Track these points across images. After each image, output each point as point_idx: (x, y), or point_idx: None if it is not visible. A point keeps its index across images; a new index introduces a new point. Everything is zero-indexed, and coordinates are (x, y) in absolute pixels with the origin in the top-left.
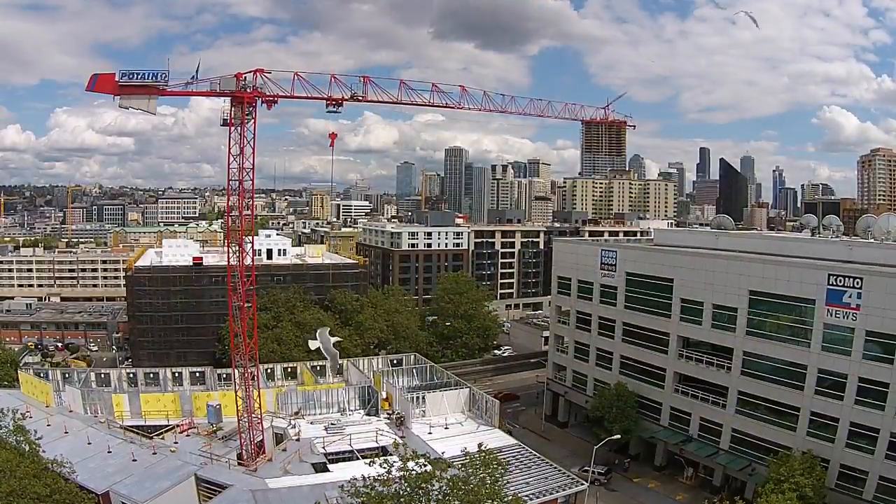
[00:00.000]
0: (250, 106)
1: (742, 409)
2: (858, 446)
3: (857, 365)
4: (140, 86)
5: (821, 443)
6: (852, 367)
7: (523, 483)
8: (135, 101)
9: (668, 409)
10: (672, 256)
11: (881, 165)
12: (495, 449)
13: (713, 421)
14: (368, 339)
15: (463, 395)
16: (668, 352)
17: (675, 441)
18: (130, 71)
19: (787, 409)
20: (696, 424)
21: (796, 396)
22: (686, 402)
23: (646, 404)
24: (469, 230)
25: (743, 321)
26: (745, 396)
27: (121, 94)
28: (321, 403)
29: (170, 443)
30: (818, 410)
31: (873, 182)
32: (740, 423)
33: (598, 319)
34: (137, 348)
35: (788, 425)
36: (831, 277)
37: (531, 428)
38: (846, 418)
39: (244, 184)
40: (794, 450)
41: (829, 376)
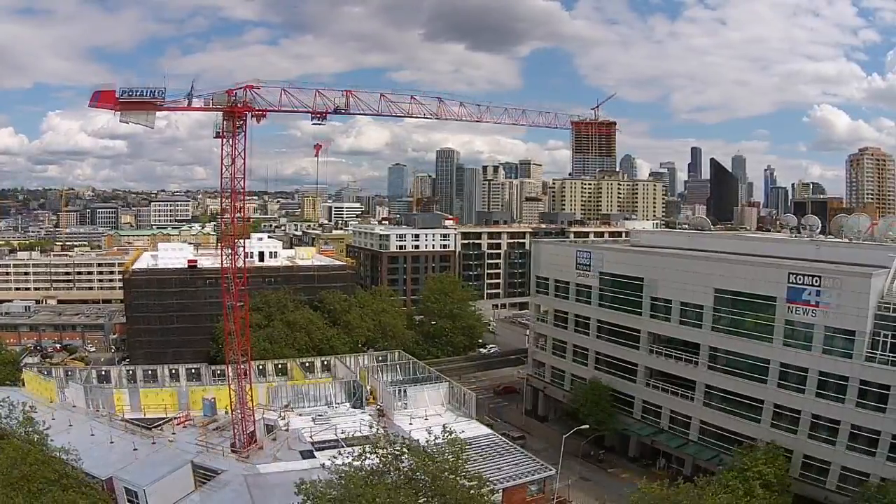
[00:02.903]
0: (241, 119)
1: (709, 402)
2: (820, 438)
3: (817, 359)
4: (139, 102)
5: (784, 434)
6: (812, 362)
7: (495, 469)
8: (134, 116)
9: (641, 402)
10: (642, 256)
11: (869, 164)
12: (473, 437)
13: (682, 413)
14: (356, 337)
15: (443, 390)
16: (640, 348)
17: (646, 433)
18: (130, 88)
19: (751, 402)
20: (666, 417)
21: (760, 390)
22: (657, 396)
23: (620, 398)
24: (456, 232)
25: (709, 318)
26: (711, 390)
27: (121, 110)
28: (309, 397)
29: (168, 434)
30: (781, 403)
31: (861, 181)
32: (708, 415)
33: (575, 317)
34: (135, 348)
35: (753, 417)
36: (791, 276)
37: (512, 422)
38: (808, 411)
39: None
40: (759, 441)
41: (791, 370)
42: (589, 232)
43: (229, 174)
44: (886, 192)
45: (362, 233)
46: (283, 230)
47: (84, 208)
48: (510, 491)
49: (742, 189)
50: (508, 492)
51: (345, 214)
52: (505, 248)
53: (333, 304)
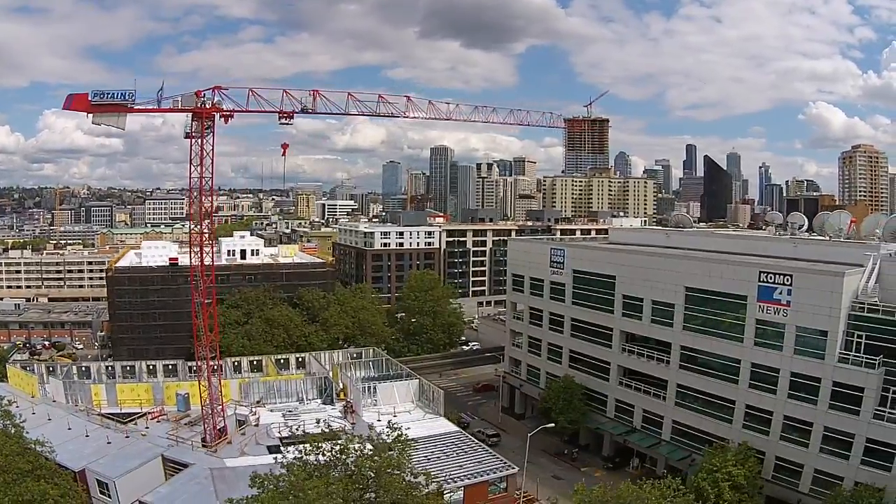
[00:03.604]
0: (209, 120)
1: (681, 401)
2: (793, 439)
3: (789, 360)
4: (110, 104)
5: (756, 435)
6: (784, 362)
7: (457, 466)
8: (105, 119)
9: (614, 401)
10: (614, 254)
11: (862, 162)
12: (438, 434)
13: (655, 413)
14: (334, 334)
15: (413, 386)
16: (612, 346)
17: (619, 432)
18: (102, 91)
19: (723, 402)
20: (639, 416)
21: (731, 390)
22: (630, 395)
23: (593, 396)
24: (441, 229)
25: (680, 317)
26: (683, 389)
27: (93, 112)
28: (281, 393)
29: (141, 428)
30: (752, 403)
31: (854, 178)
32: (679, 415)
33: (549, 315)
34: (118, 345)
35: (725, 417)
36: (762, 274)
37: (489, 419)
38: (779, 412)
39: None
40: (731, 441)
41: (763, 371)
42: (576, 229)
43: (198, 174)
44: (879, 189)
45: (348, 230)
46: (274, 228)
47: (79, 207)
48: (471, 489)
49: (737, 186)
50: (469, 489)
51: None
52: (490, 245)
53: (312, 301)
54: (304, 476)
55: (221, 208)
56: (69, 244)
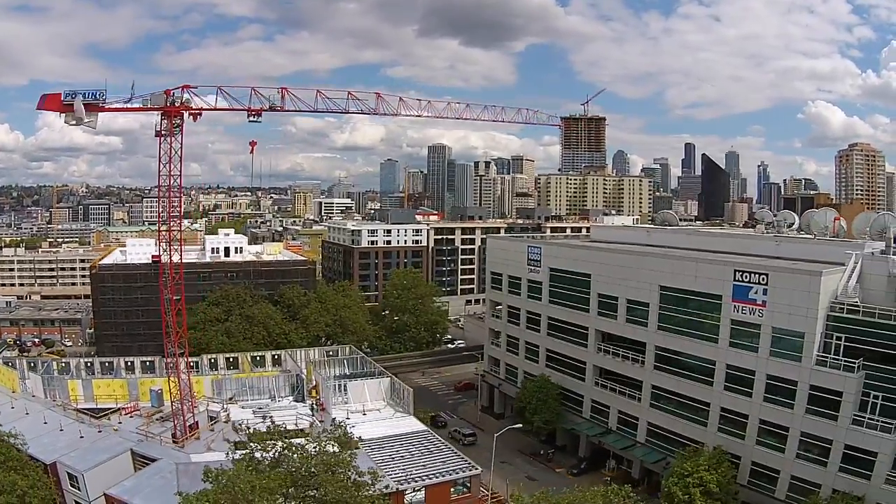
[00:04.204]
0: (178, 118)
1: (656, 402)
2: (769, 444)
3: (764, 362)
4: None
5: (731, 439)
6: (759, 364)
7: (420, 465)
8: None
9: (590, 401)
10: (589, 252)
11: (859, 160)
12: (404, 434)
13: (630, 414)
14: (314, 332)
15: (384, 385)
16: (588, 346)
17: (594, 433)
18: (73, 91)
19: (698, 405)
20: (615, 417)
21: (706, 392)
22: (605, 395)
23: (570, 397)
24: (428, 227)
25: (654, 316)
26: (658, 390)
27: (65, 112)
28: (254, 390)
29: (114, 423)
30: (728, 406)
31: (851, 177)
32: (654, 416)
33: (527, 314)
34: (102, 341)
35: (700, 420)
36: (737, 273)
37: (468, 418)
38: (755, 415)
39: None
40: (706, 445)
41: (738, 372)
42: (566, 227)
43: (167, 172)
44: (876, 187)
45: (336, 228)
46: (268, 225)
47: (77, 205)
48: (433, 489)
49: (735, 185)
50: (431, 489)
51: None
52: (479, 243)
53: (292, 298)
54: (243, 471)
55: (220, 206)
56: (66, 242)
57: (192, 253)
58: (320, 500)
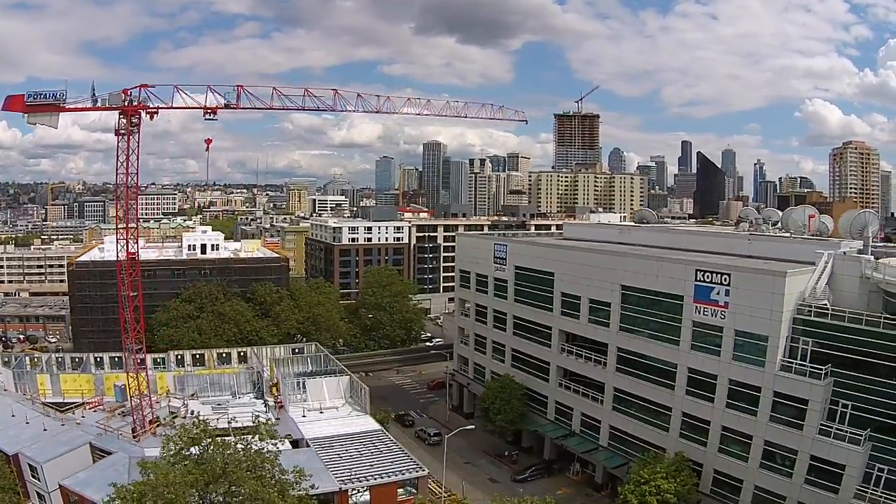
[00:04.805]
0: (136, 117)
1: (618, 406)
2: (731, 452)
3: (727, 366)
4: (43, 104)
5: (693, 445)
6: (721, 369)
7: (367, 465)
8: (39, 118)
9: (554, 403)
10: (553, 250)
11: (853, 158)
12: (358, 433)
13: (593, 417)
14: (285, 329)
15: (343, 383)
16: (552, 346)
17: (556, 435)
18: (35, 92)
19: (659, 409)
20: (578, 420)
21: (667, 396)
22: (569, 397)
23: (534, 398)
24: (410, 224)
25: (616, 317)
26: (620, 393)
27: (28, 112)
28: (216, 387)
29: (77, 417)
30: (689, 412)
31: (845, 175)
32: (617, 420)
33: (493, 312)
34: (79, 337)
35: (661, 425)
36: (699, 273)
37: (437, 418)
38: (717, 422)
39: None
40: (668, 451)
41: (699, 377)
42: (551, 225)
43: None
44: (871, 185)
45: (318, 226)
46: (259, 223)
47: (73, 202)
48: (378, 489)
49: (731, 183)
50: (376, 490)
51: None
52: None
53: (264, 295)
54: (164, 464)
55: (215, 203)
56: (59, 239)
57: (170, 250)
58: (237, 497)
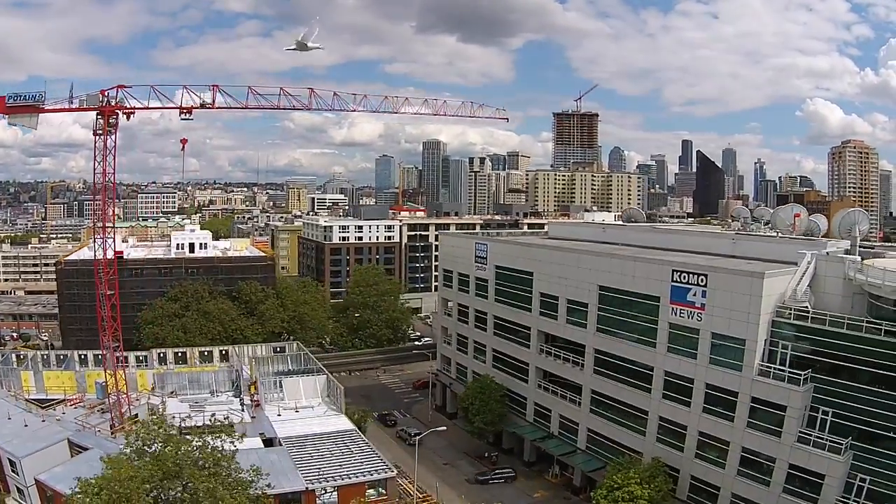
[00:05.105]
0: (113, 117)
1: (595, 408)
2: (708, 458)
3: (703, 370)
4: (23, 106)
5: (670, 450)
6: (698, 372)
7: (336, 465)
8: (19, 119)
9: (533, 404)
10: (532, 250)
11: (852, 157)
12: (330, 433)
13: (571, 419)
14: (270, 328)
15: (320, 382)
16: (531, 347)
17: (535, 437)
18: (16, 94)
19: (636, 412)
20: (556, 422)
21: (644, 399)
22: (548, 399)
23: (515, 399)
24: (401, 223)
25: (594, 317)
26: (598, 396)
27: (9, 114)
28: (195, 385)
29: (58, 413)
30: (666, 416)
31: (844, 174)
32: (594, 423)
33: (475, 312)
34: (67, 335)
35: (638, 429)
36: (675, 273)
37: (420, 418)
38: (694, 427)
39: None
40: (645, 455)
41: (676, 380)
42: (544, 224)
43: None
44: (870, 184)
45: (310, 224)
46: (255, 221)
47: (72, 200)
48: (345, 489)
49: (731, 182)
50: (343, 490)
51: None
52: None
53: (249, 294)
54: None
55: (214, 202)
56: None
57: (160, 249)
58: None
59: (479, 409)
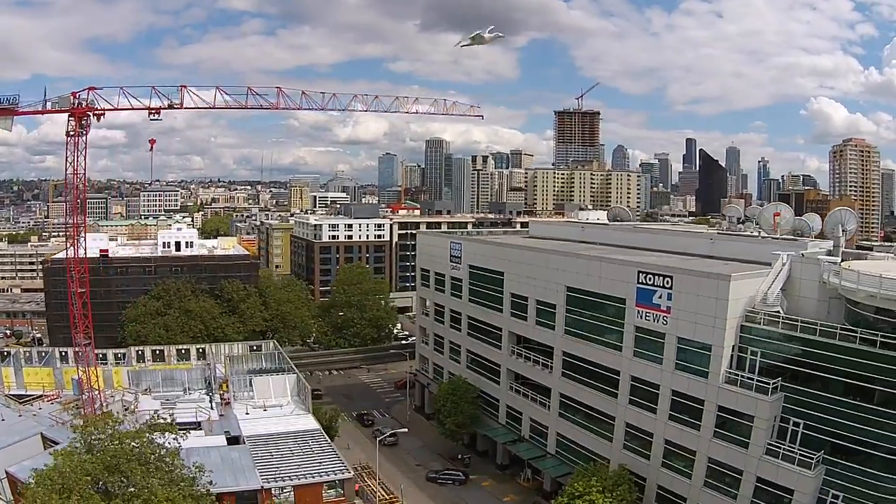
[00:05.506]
0: (86, 118)
1: (564, 412)
2: (675, 467)
3: (669, 376)
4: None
5: (637, 458)
6: (664, 378)
7: (295, 465)
8: None
9: (505, 407)
10: (502, 249)
11: (853, 156)
12: (293, 432)
13: (541, 423)
14: (250, 326)
15: (290, 381)
16: (502, 348)
17: (506, 440)
18: None
19: (603, 418)
20: (527, 425)
21: (611, 404)
22: (519, 401)
23: (488, 401)
24: (391, 222)
25: (562, 319)
26: (566, 400)
27: None
28: (169, 382)
29: (34, 408)
30: (632, 422)
31: (845, 172)
32: (563, 427)
33: (450, 312)
34: (55, 333)
35: (606, 435)
36: (641, 275)
37: (399, 418)
38: (660, 434)
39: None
40: (612, 462)
41: (642, 386)
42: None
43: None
44: (871, 183)
45: (301, 223)
46: (254, 220)
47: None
48: (302, 489)
49: (735, 180)
50: (300, 490)
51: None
52: None
53: (231, 293)
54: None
55: (217, 200)
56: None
57: (147, 247)
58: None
59: (450, 411)
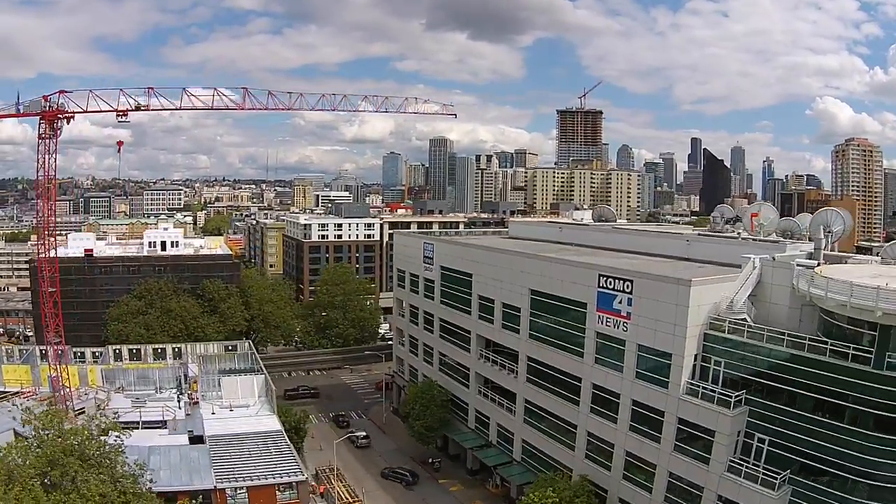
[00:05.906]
0: (55, 122)
1: (528, 419)
2: (636, 480)
3: (629, 384)
4: None
5: (599, 469)
6: (624, 387)
7: (251, 466)
8: None
9: (474, 411)
10: (470, 251)
11: (855, 155)
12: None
13: (507, 429)
14: (231, 326)
15: (259, 382)
16: (471, 351)
17: (473, 445)
18: None
19: (566, 426)
20: (495, 430)
21: (573, 412)
22: (487, 406)
23: (458, 404)
24: (381, 222)
25: (526, 323)
26: (531, 406)
27: None
28: (142, 381)
29: (9, 405)
30: (594, 431)
31: (847, 172)
32: (528, 434)
33: (423, 314)
34: (40, 331)
35: (568, 443)
36: (602, 279)
37: (375, 420)
38: (621, 445)
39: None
40: (574, 472)
41: (603, 394)
42: (531, 222)
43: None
44: (873, 183)
45: (292, 222)
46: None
47: (80, 197)
48: (255, 491)
49: (739, 180)
50: (254, 491)
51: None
52: None
53: (212, 292)
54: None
55: (221, 199)
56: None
57: (133, 247)
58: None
59: (419, 414)
